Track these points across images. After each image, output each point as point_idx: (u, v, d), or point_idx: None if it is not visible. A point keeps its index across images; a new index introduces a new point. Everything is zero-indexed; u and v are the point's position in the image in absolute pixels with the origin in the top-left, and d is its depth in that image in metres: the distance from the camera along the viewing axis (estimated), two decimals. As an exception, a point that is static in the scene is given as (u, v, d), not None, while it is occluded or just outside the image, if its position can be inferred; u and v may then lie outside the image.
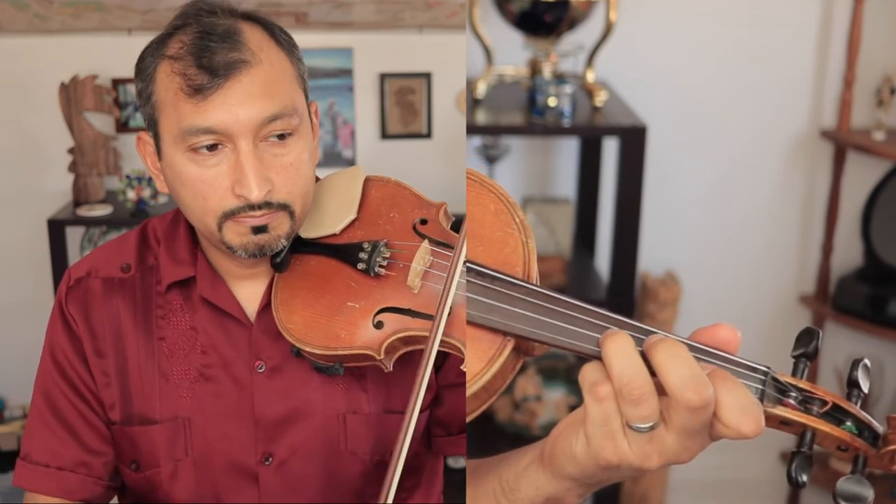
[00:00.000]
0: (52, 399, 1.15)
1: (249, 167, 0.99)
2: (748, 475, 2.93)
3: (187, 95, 0.98)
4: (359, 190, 1.11)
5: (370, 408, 1.13)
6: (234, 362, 1.12)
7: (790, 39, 2.63)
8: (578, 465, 0.82)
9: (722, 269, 2.80)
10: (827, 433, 0.83)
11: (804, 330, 0.86)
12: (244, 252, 1.03)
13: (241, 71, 0.99)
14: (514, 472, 0.89)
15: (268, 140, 1.01)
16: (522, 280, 0.82)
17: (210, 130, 0.98)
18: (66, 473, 1.14)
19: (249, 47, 1.00)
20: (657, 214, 2.69)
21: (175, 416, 1.12)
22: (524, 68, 2.40)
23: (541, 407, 2.61)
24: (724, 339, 0.82)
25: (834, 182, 2.67)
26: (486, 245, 0.85)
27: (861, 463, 0.84)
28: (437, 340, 0.92)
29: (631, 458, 0.79)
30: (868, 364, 0.86)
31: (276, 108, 1.00)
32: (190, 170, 1.01)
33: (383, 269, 1.03)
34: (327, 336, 1.02)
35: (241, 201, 1.00)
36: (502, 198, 0.87)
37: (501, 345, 0.81)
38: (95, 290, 1.15)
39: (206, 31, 1.00)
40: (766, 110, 2.67)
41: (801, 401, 0.83)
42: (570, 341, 0.81)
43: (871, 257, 2.69)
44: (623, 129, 2.23)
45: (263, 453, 1.12)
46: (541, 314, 0.81)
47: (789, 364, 0.85)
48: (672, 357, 0.77)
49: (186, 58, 0.99)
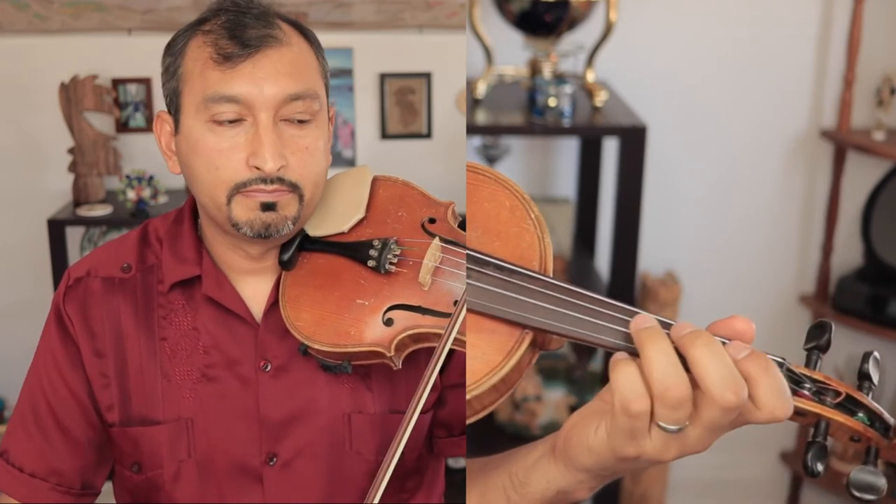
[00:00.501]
0: (35, 405, 1.15)
1: (267, 139, 1.01)
2: (748, 475, 2.93)
3: (216, 63, 1.01)
4: (367, 189, 1.11)
5: (375, 408, 1.13)
6: (239, 362, 1.12)
7: (790, 39, 2.63)
8: (594, 456, 0.82)
9: (722, 269, 2.80)
10: (841, 423, 0.83)
11: (816, 323, 0.87)
12: (249, 229, 1.03)
13: (271, 46, 1.02)
14: (524, 466, 0.90)
15: (287, 121, 1.03)
16: (540, 273, 0.83)
17: (233, 99, 1.01)
18: (37, 481, 1.14)
19: (282, 28, 1.04)
20: (657, 214, 2.69)
21: (178, 417, 1.12)
22: (524, 68, 2.40)
23: (541, 407, 2.61)
24: (739, 330, 0.82)
25: (834, 182, 2.67)
26: (503, 240, 0.86)
27: (873, 453, 0.85)
28: (451, 339, 0.92)
29: (651, 452, 0.80)
30: (878, 357, 0.87)
31: (301, 88, 1.03)
32: (207, 139, 1.02)
33: (394, 266, 1.04)
34: (336, 333, 1.02)
35: (254, 173, 1.02)
36: (517, 194, 0.88)
37: (520, 337, 0.82)
38: (95, 289, 1.15)
39: (242, 11, 1.04)
40: (766, 110, 2.67)
41: (815, 392, 0.84)
42: (590, 333, 0.81)
43: (871, 257, 2.69)
44: (623, 129, 2.23)
45: (268, 453, 1.12)
46: (559, 306, 0.82)
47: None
48: (712, 355, 0.76)
49: (220, 31, 1.02)
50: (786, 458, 2.89)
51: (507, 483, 0.90)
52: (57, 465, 1.14)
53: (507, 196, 0.88)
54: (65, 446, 1.14)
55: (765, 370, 0.78)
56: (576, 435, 0.84)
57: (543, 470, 0.88)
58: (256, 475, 1.12)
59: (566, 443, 0.85)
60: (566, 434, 0.85)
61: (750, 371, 0.78)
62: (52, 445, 1.14)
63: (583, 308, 0.82)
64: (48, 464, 1.14)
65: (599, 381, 2.64)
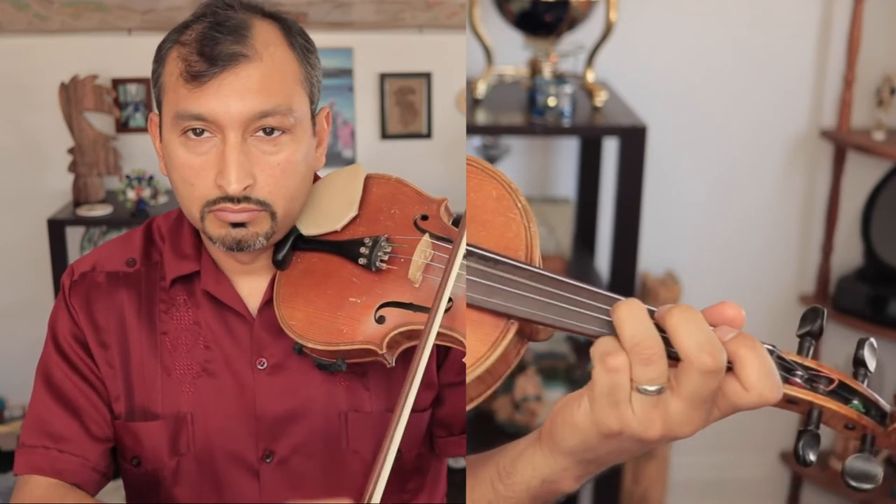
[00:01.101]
0: (55, 382, 1.14)
1: (232, 159, 1.00)
2: (748, 475, 2.93)
3: (185, 80, 1.00)
4: (360, 187, 1.11)
5: (372, 406, 1.13)
6: (236, 359, 1.12)
7: (790, 39, 2.63)
8: (578, 433, 0.82)
9: (722, 269, 2.80)
10: (834, 411, 0.82)
11: (810, 308, 0.86)
12: (222, 244, 1.04)
13: (238, 64, 1.00)
14: (511, 457, 0.89)
15: (257, 135, 1.02)
16: (525, 263, 0.82)
17: (200, 117, 1.00)
18: (64, 455, 1.12)
19: (253, 43, 1.02)
20: (657, 214, 2.69)
21: (177, 412, 1.12)
22: (524, 68, 2.40)
23: (541, 407, 2.61)
24: (729, 317, 0.82)
25: (834, 182, 2.67)
26: (488, 230, 0.85)
27: (869, 441, 0.83)
28: (435, 327, 0.92)
29: (634, 424, 0.79)
30: (874, 343, 0.85)
31: (270, 105, 1.01)
32: (181, 154, 1.02)
33: (384, 263, 1.04)
34: (329, 332, 1.02)
35: (221, 192, 1.01)
36: (504, 183, 0.88)
37: (505, 328, 0.81)
38: (100, 283, 1.16)
39: (217, 22, 1.02)
40: (766, 110, 2.67)
41: (807, 379, 0.82)
42: (575, 323, 0.81)
43: (871, 257, 2.69)
44: (623, 129, 2.23)
45: (264, 450, 1.12)
46: (544, 296, 0.81)
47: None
48: (687, 321, 0.77)
49: (192, 45, 1.01)
50: (786, 458, 2.89)
51: (494, 475, 0.90)
52: (83, 440, 1.13)
53: (494, 186, 0.87)
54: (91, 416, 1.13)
55: (751, 350, 0.78)
56: (560, 416, 0.83)
57: (528, 458, 0.87)
58: (253, 471, 1.12)
59: (552, 426, 0.84)
60: (552, 418, 0.85)
61: (737, 351, 0.78)
62: (79, 417, 1.13)
63: (567, 298, 0.81)
64: (75, 436, 1.13)
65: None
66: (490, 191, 0.87)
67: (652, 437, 0.79)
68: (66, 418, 1.13)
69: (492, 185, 0.87)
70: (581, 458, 0.84)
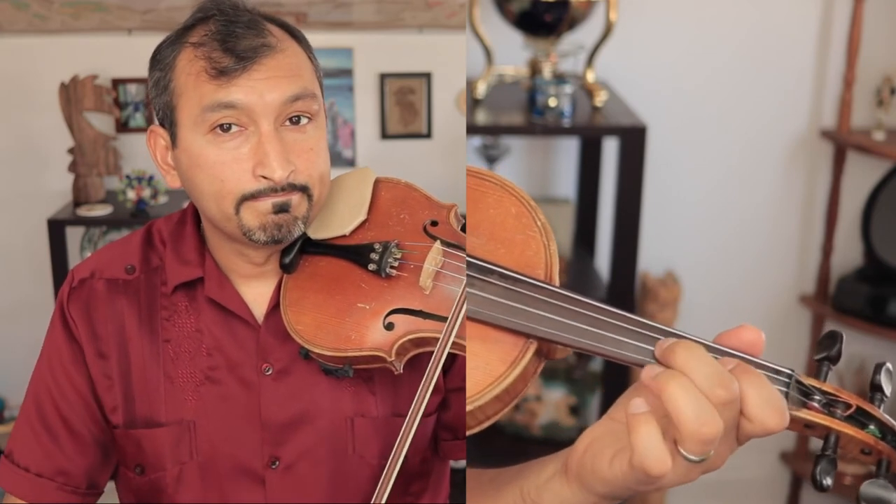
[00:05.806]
0: (41, 404, 1.15)
1: (272, 148, 1.00)
2: (748, 475, 2.93)
3: (211, 77, 1.00)
4: (369, 191, 1.10)
5: (378, 411, 1.12)
6: (241, 364, 1.11)
7: (790, 40, 2.63)
8: (610, 486, 0.81)
9: (722, 269, 2.80)
10: (851, 436, 0.81)
11: (827, 333, 0.85)
12: (262, 233, 1.03)
13: (265, 55, 1.01)
14: (536, 485, 0.88)
15: (285, 125, 1.02)
16: (545, 282, 0.82)
17: (232, 105, 1.00)
18: (43, 481, 1.14)
19: (273, 34, 1.03)
20: (657, 214, 2.69)
21: (180, 419, 1.11)
22: (524, 68, 2.40)
23: (541, 407, 2.61)
24: (748, 341, 0.81)
25: (834, 182, 2.67)
26: (507, 248, 0.84)
27: (885, 466, 0.83)
28: (450, 342, 0.91)
29: (674, 479, 0.77)
30: (891, 368, 0.85)
31: (299, 89, 1.02)
32: (209, 152, 1.01)
33: (394, 269, 1.03)
34: (337, 337, 1.01)
35: (262, 183, 1.01)
36: (523, 200, 0.87)
37: (524, 347, 0.80)
38: (99, 291, 1.14)
39: (231, 19, 1.02)
40: (766, 111, 2.67)
41: (825, 404, 0.82)
42: (594, 343, 0.80)
43: (871, 257, 2.69)
44: (623, 129, 2.23)
45: (270, 457, 1.11)
46: (564, 316, 0.80)
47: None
48: (694, 357, 0.75)
49: (211, 43, 1.01)
50: (786, 458, 2.89)
51: (519, 500, 0.89)
52: (63, 465, 1.14)
53: (513, 203, 0.86)
54: (71, 445, 1.14)
55: (748, 382, 0.76)
56: (589, 461, 0.82)
57: (556, 490, 0.86)
58: (258, 478, 1.11)
59: (580, 467, 0.83)
60: (579, 458, 0.83)
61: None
62: (59, 445, 1.14)
63: (587, 318, 0.80)
64: (54, 463, 1.14)
65: (599, 381, 2.64)
66: (509, 208, 0.86)
67: (692, 481, 0.78)
68: (48, 444, 1.14)
69: (511, 201, 0.86)
70: (612, 499, 0.84)
